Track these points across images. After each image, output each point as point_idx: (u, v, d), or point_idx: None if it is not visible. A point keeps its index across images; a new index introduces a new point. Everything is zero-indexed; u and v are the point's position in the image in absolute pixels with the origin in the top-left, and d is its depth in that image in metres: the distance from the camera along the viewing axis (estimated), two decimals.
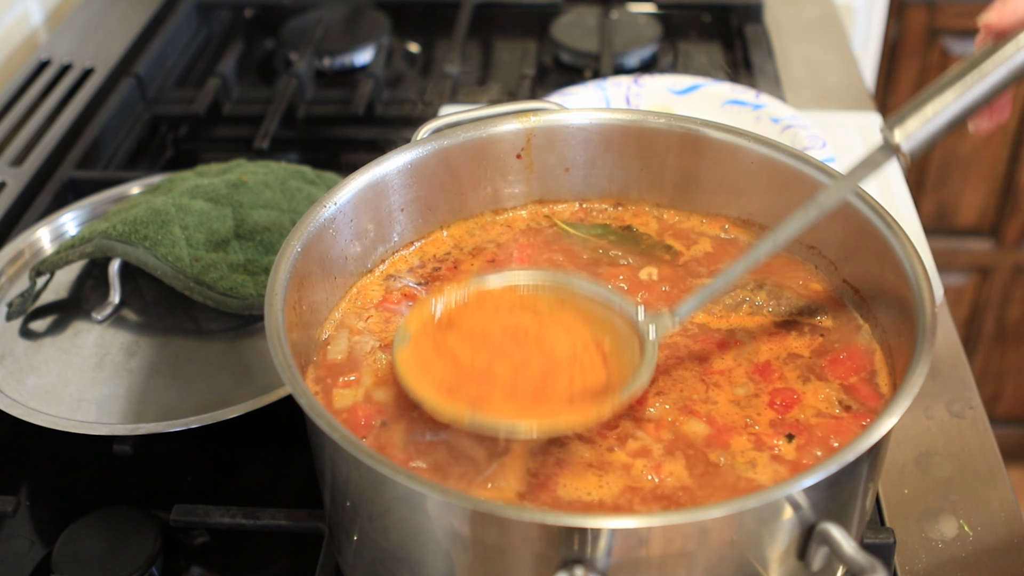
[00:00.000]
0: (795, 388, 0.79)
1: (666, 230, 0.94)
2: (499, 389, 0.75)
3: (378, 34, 1.59)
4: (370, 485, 0.68)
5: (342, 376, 0.81)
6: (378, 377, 0.81)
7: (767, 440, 0.75)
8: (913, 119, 0.69)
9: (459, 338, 0.79)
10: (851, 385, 0.79)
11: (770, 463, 0.73)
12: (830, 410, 0.77)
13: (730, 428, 0.76)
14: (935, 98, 0.68)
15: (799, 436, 0.75)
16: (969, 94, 0.67)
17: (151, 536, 0.88)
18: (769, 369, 0.81)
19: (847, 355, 0.82)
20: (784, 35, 1.60)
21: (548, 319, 0.81)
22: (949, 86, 0.68)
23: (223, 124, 1.47)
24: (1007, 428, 2.59)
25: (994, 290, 2.42)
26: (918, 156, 0.69)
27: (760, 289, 0.87)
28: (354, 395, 0.80)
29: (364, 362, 0.82)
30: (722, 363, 0.82)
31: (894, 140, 0.70)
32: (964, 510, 0.92)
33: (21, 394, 0.97)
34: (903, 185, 1.22)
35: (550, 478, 0.72)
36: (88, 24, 1.62)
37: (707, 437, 0.75)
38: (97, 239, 1.04)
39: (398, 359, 0.76)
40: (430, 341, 0.79)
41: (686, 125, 0.91)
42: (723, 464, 0.73)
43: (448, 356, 0.77)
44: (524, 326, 0.81)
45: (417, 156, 0.89)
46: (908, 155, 0.70)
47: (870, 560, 0.62)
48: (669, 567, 0.65)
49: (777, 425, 0.76)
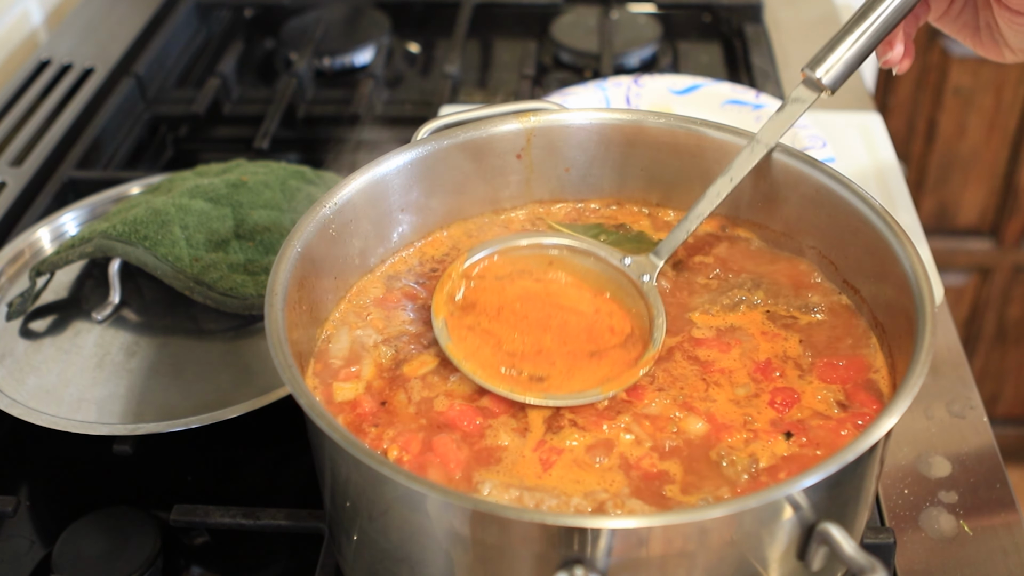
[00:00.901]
0: (794, 387, 0.79)
1: (663, 228, 0.94)
2: (558, 360, 0.79)
3: (378, 34, 1.59)
4: (370, 485, 0.68)
5: (343, 370, 0.82)
6: (380, 368, 0.82)
7: (765, 438, 0.75)
8: (830, 58, 0.83)
9: (488, 318, 0.82)
10: (849, 385, 0.79)
11: (768, 460, 0.73)
12: (828, 411, 0.77)
13: (728, 426, 0.76)
14: (841, 41, 0.83)
15: (797, 435, 0.75)
16: (867, 33, 0.83)
17: (151, 536, 0.88)
18: (770, 368, 0.81)
19: (846, 355, 0.82)
20: (784, 35, 1.60)
21: (549, 280, 0.85)
22: (850, 30, 0.83)
23: (223, 124, 1.47)
24: (1007, 428, 2.59)
25: (994, 290, 2.42)
26: (837, 88, 0.84)
27: (757, 288, 0.87)
28: (355, 388, 0.80)
29: (366, 357, 0.83)
30: (723, 362, 0.82)
31: (816, 76, 0.83)
32: (964, 510, 0.92)
33: (21, 394, 0.97)
34: (903, 185, 1.22)
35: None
36: (88, 24, 1.62)
37: (706, 434, 0.76)
38: (97, 239, 1.04)
39: (452, 354, 0.80)
40: (463, 328, 0.82)
41: (686, 125, 0.91)
42: (722, 461, 0.73)
43: (490, 339, 0.81)
44: (535, 292, 0.85)
45: (417, 156, 0.89)
46: (829, 88, 0.83)
47: (870, 560, 0.62)
48: (669, 567, 0.65)
49: (777, 424, 0.76)
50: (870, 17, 0.83)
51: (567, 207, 0.97)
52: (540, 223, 0.95)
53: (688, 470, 0.73)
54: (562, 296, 0.85)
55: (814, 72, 0.83)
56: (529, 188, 0.96)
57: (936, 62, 2.15)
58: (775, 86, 1.45)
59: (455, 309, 0.83)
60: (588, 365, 0.80)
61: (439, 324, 0.82)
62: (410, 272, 0.91)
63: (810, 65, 0.84)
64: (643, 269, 0.86)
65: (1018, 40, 0.89)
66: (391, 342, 0.84)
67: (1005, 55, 0.92)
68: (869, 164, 1.26)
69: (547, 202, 0.97)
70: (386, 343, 0.84)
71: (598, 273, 0.86)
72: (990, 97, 2.18)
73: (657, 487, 0.72)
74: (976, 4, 0.91)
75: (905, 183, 1.23)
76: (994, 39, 0.91)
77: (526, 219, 0.96)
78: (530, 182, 0.95)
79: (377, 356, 0.83)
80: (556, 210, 0.97)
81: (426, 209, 0.92)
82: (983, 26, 0.91)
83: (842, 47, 0.83)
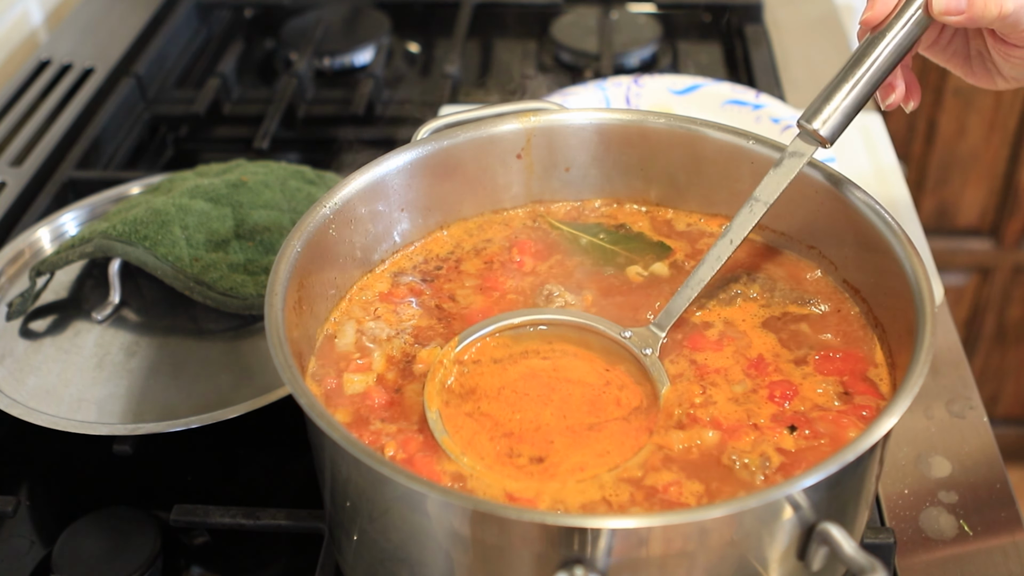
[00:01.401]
0: (792, 381, 0.80)
1: (662, 228, 0.94)
2: (557, 436, 0.76)
3: (378, 34, 1.59)
4: (370, 485, 0.68)
5: (352, 363, 0.82)
6: (390, 361, 0.82)
7: (770, 434, 0.75)
8: (826, 109, 0.80)
9: (487, 401, 0.79)
10: (847, 377, 0.80)
11: (776, 456, 0.74)
12: (828, 403, 0.78)
13: (735, 428, 0.76)
14: (838, 89, 0.80)
15: (801, 427, 0.75)
16: (863, 81, 0.80)
17: (151, 536, 0.88)
18: (763, 363, 0.81)
19: (845, 354, 0.82)
20: (784, 35, 1.60)
21: (553, 355, 0.82)
22: (845, 78, 0.80)
23: (223, 124, 1.47)
24: (1007, 428, 2.58)
25: (994, 290, 2.42)
26: (835, 139, 0.81)
27: (753, 282, 0.88)
28: (366, 380, 0.80)
29: (373, 351, 0.83)
30: (718, 361, 0.82)
31: (812, 127, 0.80)
32: (964, 510, 0.92)
33: (21, 394, 0.97)
34: (903, 185, 1.22)
35: None
36: (88, 24, 1.62)
37: (719, 442, 0.75)
38: (97, 239, 1.04)
39: (449, 449, 0.75)
40: (460, 416, 0.78)
41: (686, 125, 0.91)
42: (737, 466, 0.73)
43: (487, 422, 0.77)
44: (540, 368, 0.81)
45: (417, 156, 0.89)
46: (828, 139, 0.80)
47: (870, 560, 0.62)
48: (669, 567, 0.65)
49: (779, 418, 0.76)
50: (865, 63, 0.79)
51: (567, 207, 0.97)
52: (541, 221, 0.95)
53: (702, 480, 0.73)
54: (570, 370, 0.81)
55: (810, 124, 0.80)
56: (529, 188, 0.96)
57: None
58: (775, 86, 1.45)
59: (451, 397, 0.79)
60: (587, 439, 0.75)
61: (433, 417, 0.77)
62: (415, 269, 0.91)
63: (806, 117, 0.80)
64: (645, 342, 0.81)
65: (1013, 70, 0.86)
66: (401, 335, 0.84)
67: (998, 83, 0.89)
68: (869, 164, 1.25)
69: (547, 201, 0.97)
70: (397, 336, 0.84)
71: (603, 346, 0.83)
72: (990, 97, 2.18)
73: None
74: (967, 33, 0.88)
75: (905, 183, 1.23)
76: (986, 68, 0.88)
77: (526, 218, 0.96)
78: (530, 182, 0.95)
79: (388, 349, 0.83)
80: (556, 209, 0.97)
81: (426, 209, 0.92)
82: (974, 55, 0.89)
83: (838, 96, 0.79)
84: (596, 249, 0.93)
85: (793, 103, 1.41)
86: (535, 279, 0.90)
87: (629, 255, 0.92)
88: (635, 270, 0.90)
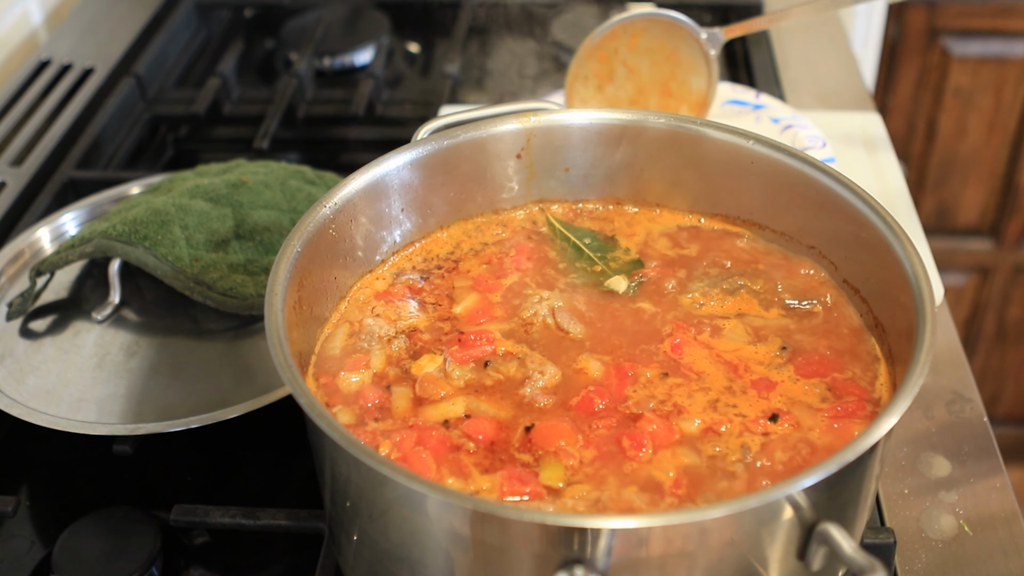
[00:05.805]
0: (770, 376, 0.80)
1: (657, 233, 0.94)
2: None
3: (378, 34, 1.59)
4: (370, 485, 0.68)
5: (351, 362, 0.82)
6: (389, 360, 0.82)
7: (753, 426, 0.76)
8: None
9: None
10: (841, 381, 0.80)
11: (761, 450, 0.74)
12: (815, 402, 0.78)
13: (718, 421, 0.76)
14: None
15: (783, 417, 0.76)
16: None
17: (151, 536, 0.88)
18: (754, 362, 0.81)
19: (844, 354, 0.82)
20: (784, 35, 1.60)
21: None
22: None
23: (223, 124, 1.47)
24: (1007, 428, 2.59)
25: (994, 290, 2.42)
26: None
27: (753, 282, 0.88)
28: (365, 379, 0.81)
29: (371, 349, 0.83)
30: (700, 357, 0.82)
31: None
32: (964, 510, 0.92)
33: (21, 394, 0.97)
34: (903, 185, 1.22)
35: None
36: (88, 24, 1.62)
37: (700, 432, 0.76)
38: (97, 239, 1.04)
39: None
40: None
41: (686, 125, 0.91)
42: (718, 454, 0.73)
43: None
44: None
45: (417, 156, 0.89)
46: None
47: (870, 560, 0.62)
48: (669, 567, 0.65)
49: (763, 410, 0.77)
50: None
51: (566, 207, 0.97)
52: (540, 219, 0.95)
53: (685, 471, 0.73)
54: None
55: None
56: (529, 188, 0.96)
57: (936, 62, 2.15)
58: (775, 86, 1.45)
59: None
60: None
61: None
62: (414, 269, 0.91)
63: None
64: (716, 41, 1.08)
65: None
66: (399, 335, 0.84)
67: None
68: (869, 164, 1.26)
69: (547, 201, 0.97)
70: (396, 336, 0.84)
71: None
72: (990, 97, 2.18)
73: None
74: None
75: (905, 183, 1.23)
76: None
77: (526, 218, 0.96)
78: (530, 182, 0.95)
79: (386, 348, 0.83)
80: (555, 209, 0.97)
81: (426, 209, 0.92)
82: None
83: None
84: (577, 250, 0.93)
85: (793, 103, 1.41)
86: (530, 279, 0.90)
87: (606, 264, 0.92)
88: (616, 280, 0.90)
